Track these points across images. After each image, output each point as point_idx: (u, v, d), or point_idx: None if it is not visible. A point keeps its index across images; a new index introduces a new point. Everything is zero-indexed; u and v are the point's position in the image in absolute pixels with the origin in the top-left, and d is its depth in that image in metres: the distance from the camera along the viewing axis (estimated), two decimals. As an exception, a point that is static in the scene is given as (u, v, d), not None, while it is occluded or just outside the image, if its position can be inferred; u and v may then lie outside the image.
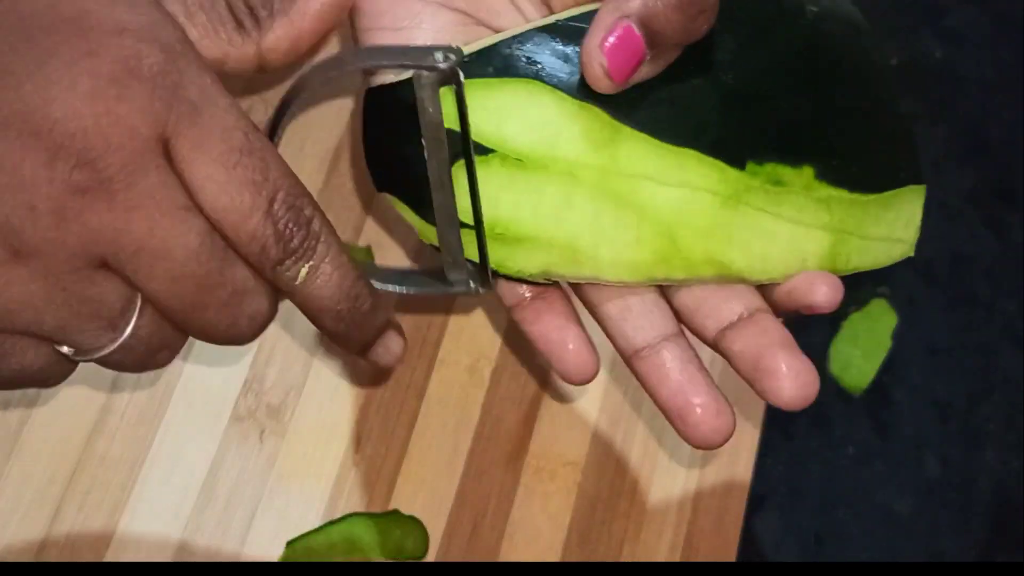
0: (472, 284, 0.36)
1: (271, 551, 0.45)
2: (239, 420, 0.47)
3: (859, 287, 0.51)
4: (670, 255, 0.33)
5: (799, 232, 0.34)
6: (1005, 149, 0.54)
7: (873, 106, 0.36)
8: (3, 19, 0.26)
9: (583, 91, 0.32)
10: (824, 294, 0.34)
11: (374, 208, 0.50)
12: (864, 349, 0.50)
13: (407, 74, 0.33)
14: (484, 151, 0.32)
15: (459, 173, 0.33)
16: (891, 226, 0.35)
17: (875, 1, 0.57)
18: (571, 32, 0.32)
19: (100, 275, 0.27)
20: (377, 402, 0.47)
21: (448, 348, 0.48)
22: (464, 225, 0.34)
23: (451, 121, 0.32)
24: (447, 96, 0.32)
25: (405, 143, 0.34)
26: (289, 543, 0.45)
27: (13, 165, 0.26)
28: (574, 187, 0.32)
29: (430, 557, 0.45)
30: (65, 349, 0.28)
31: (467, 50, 0.32)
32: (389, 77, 0.34)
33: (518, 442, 0.47)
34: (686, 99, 0.32)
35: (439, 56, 0.32)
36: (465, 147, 0.32)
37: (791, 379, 0.33)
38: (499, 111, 0.32)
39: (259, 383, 0.47)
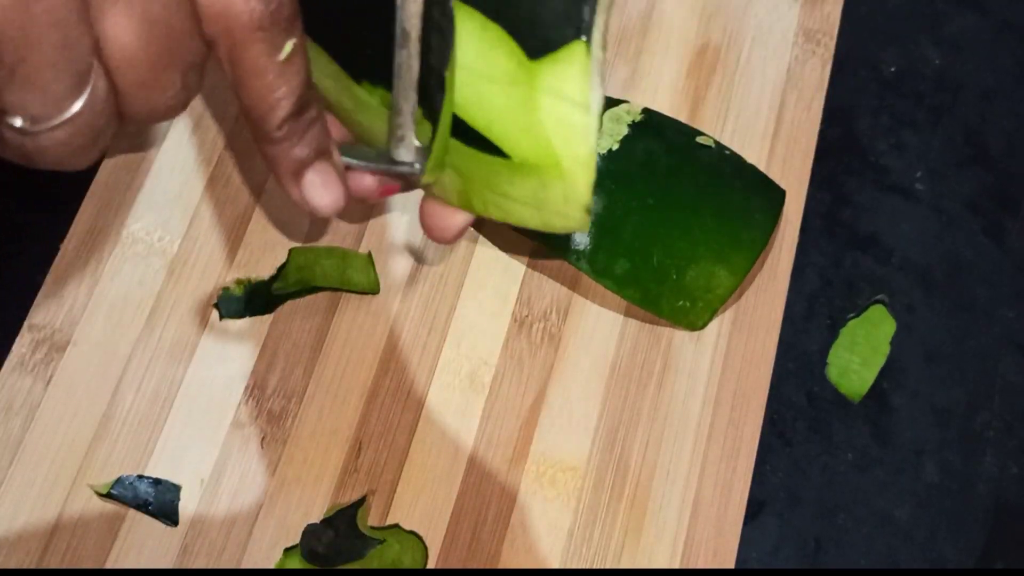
0: (418, 165, 0.32)
1: (272, 557, 0.45)
2: (240, 426, 0.47)
3: (857, 293, 0.51)
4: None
5: None
6: (1004, 156, 0.54)
7: None
8: None
9: None
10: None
11: (374, 215, 0.51)
12: (862, 355, 0.50)
13: None
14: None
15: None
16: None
17: (875, 9, 0.57)
18: None
19: (84, 12, 0.25)
20: (377, 409, 0.47)
21: (448, 355, 0.48)
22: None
23: None
24: None
25: None
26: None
27: None
28: None
29: (430, 563, 0.45)
30: (16, 121, 0.26)
31: None
32: None
33: (518, 448, 0.47)
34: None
35: None
36: None
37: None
38: None
39: (260, 390, 0.48)
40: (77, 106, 0.26)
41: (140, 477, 0.46)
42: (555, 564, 0.46)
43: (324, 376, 0.48)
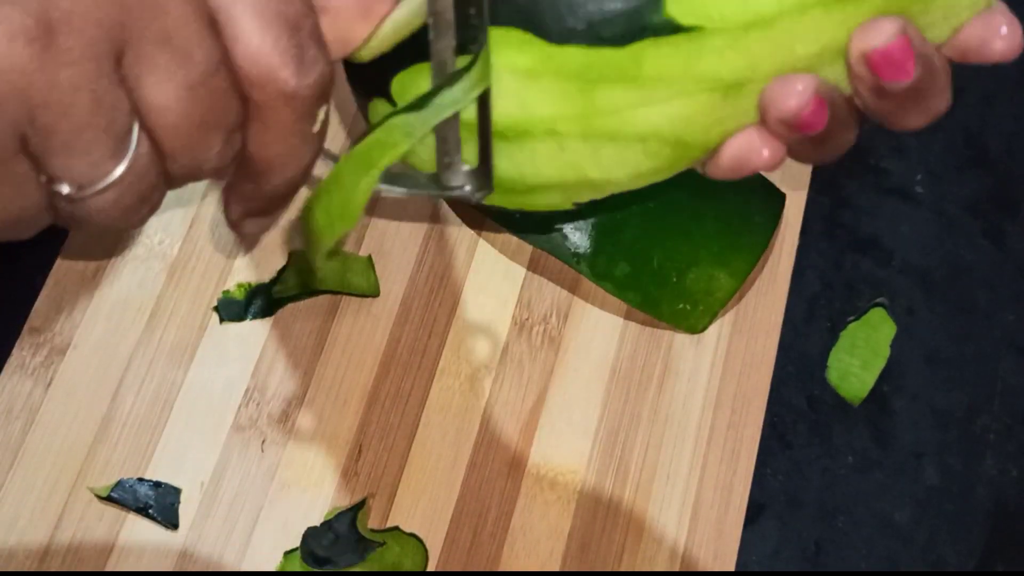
0: (469, 188, 0.33)
1: (272, 560, 0.45)
2: (240, 429, 0.47)
3: (858, 296, 0.51)
4: (685, 152, 0.32)
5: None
6: (1004, 159, 0.54)
7: None
8: None
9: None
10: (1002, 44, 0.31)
11: (374, 217, 0.51)
12: (863, 358, 0.50)
13: None
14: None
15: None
16: None
17: (874, 11, 0.57)
18: None
19: (117, 78, 0.25)
20: (378, 412, 0.47)
21: (448, 358, 0.48)
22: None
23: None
24: None
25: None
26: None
27: None
28: (562, 139, 0.31)
29: (430, 566, 0.45)
30: (64, 188, 0.26)
31: None
32: None
33: (518, 451, 0.47)
34: None
35: None
36: (479, 21, 0.29)
37: None
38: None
39: (260, 393, 0.48)
40: (121, 168, 0.26)
41: (140, 480, 0.46)
42: (555, 567, 0.46)
43: (324, 379, 0.48)
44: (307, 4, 0.28)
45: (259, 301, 0.49)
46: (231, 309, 0.48)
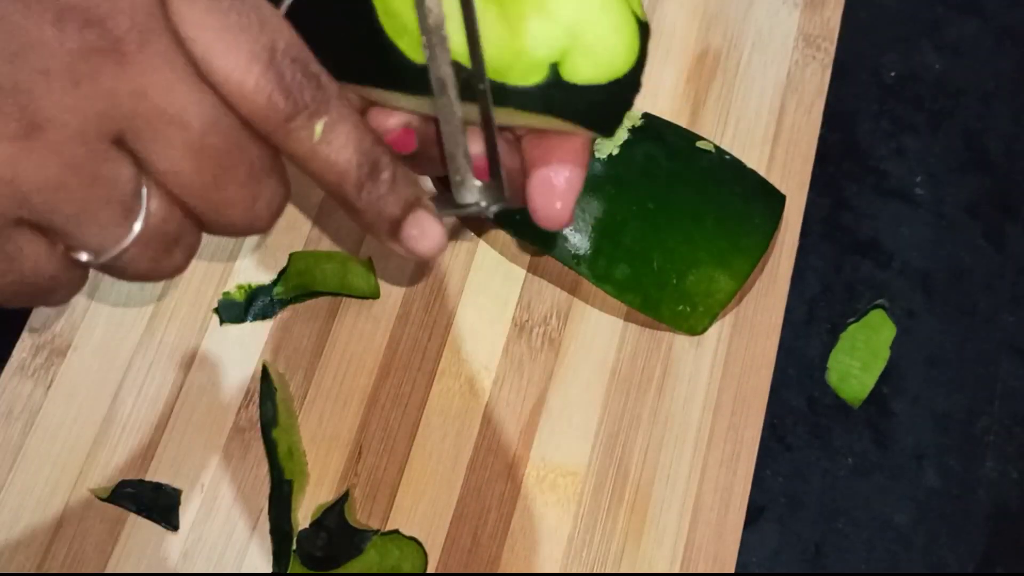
0: (484, 203, 0.33)
1: (273, 562, 0.45)
2: (241, 431, 0.47)
3: (857, 298, 0.51)
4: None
5: None
6: (1004, 161, 0.54)
7: None
8: None
9: None
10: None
11: (375, 220, 0.51)
12: (862, 360, 0.50)
13: None
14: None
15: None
16: None
17: (874, 14, 0.57)
18: None
19: (114, 152, 0.26)
20: (378, 413, 0.47)
21: (448, 359, 0.49)
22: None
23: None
24: None
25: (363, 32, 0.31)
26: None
27: (20, 26, 0.24)
28: None
29: (430, 568, 0.45)
30: (83, 256, 0.27)
31: None
32: None
33: (518, 453, 0.47)
34: None
35: None
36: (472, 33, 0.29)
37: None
38: None
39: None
40: (136, 230, 0.27)
41: (141, 481, 0.46)
42: (555, 569, 0.46)
43: (324, 381, 0.48)
44: (275, 26, 0.27)
45: (259, 303, 0.49)
46: (231, 311, 0.49)
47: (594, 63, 0.30)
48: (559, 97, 0.30)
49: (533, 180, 0.34)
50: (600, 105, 0.31)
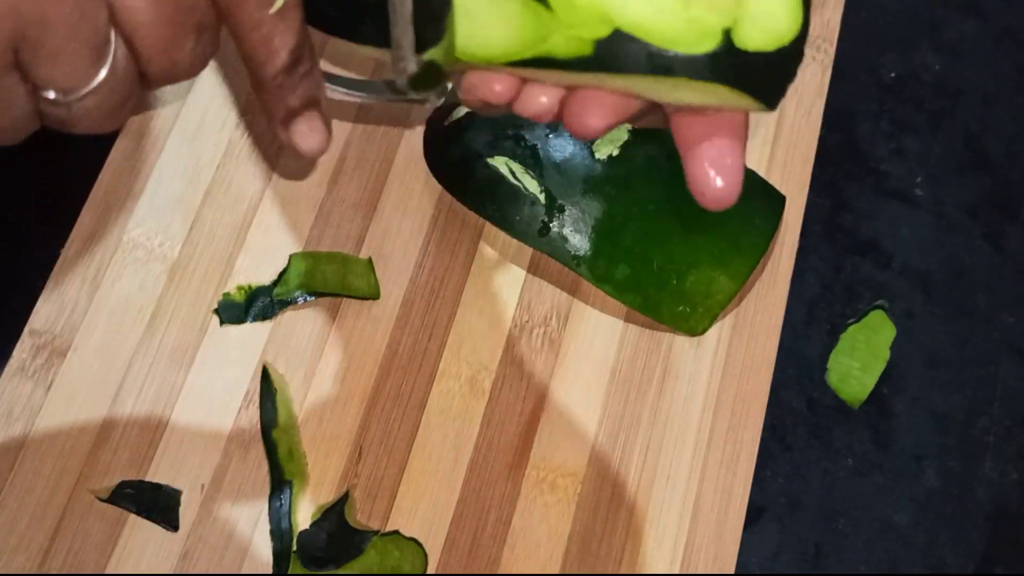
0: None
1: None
2: (241, 431, 0.47)
3: (857, 299, 0.51)
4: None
5: None
6: (1004, 161, 0.54)
7: None
8: None
9: None
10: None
11: (375, 220, 0.51)
12: (862, 361, 0.50)
13: None
14: None
15: None
16: None
17: (874, 14, 0.57)
18: None
19: None
20: (378, 414, 0.47)
21: (448, 360, 0.49)
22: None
23: None
24: None
25: None
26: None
27: None
28: None
29: (430, 569, 0.45)
30: (50, 94, 0.28)
31: None
32: None
33: (518, 453, 0.47)
34: None
35: None
36: None
37: None
38: None
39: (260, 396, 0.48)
40: (102, 74, 0.28)
41: (141, 482, 0.46)
42: (555, 570, 0.46)
43: (324, 382, 0.48)
44: None
45: (259, 303, 0.49)
46: (231, 311, 0.49)
47: (763, 30, 0.30)
48: (730, 65, 0.30)
49: (696, 159, 0.33)
50: (769, 74, 0.31)
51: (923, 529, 0.48)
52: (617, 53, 0.30)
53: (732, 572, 0.46)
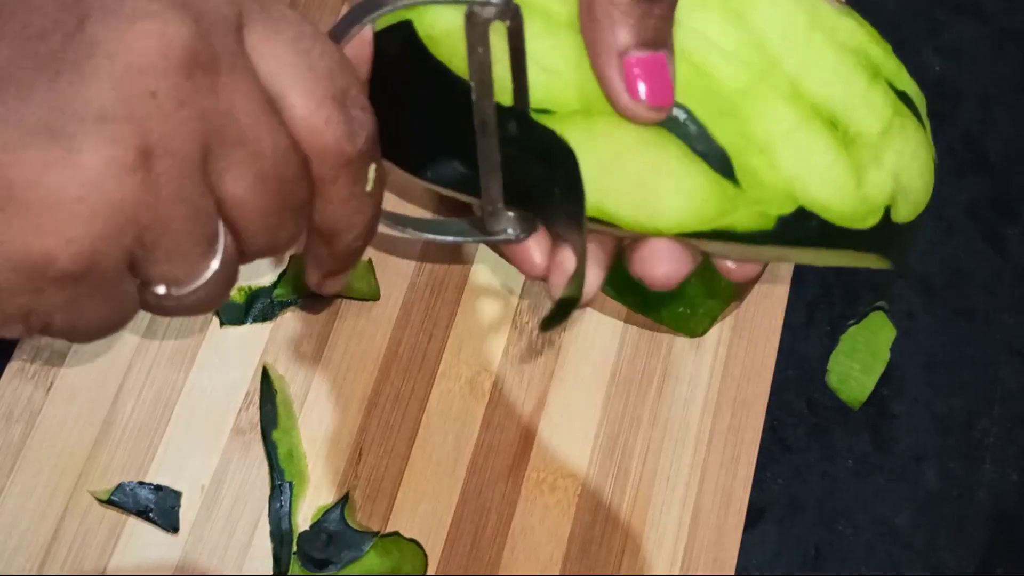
0: (512, 231, 0.35)
1: (272, 564, 0.45)
2: (241, 433, 0.47)
3: (857, 300, 0.51)
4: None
5: None
6: (1004, 163, 0.54)
7: None
8: None
9: None
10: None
11: (375, 222, 0.51)
12: (863, 362, 0.50)
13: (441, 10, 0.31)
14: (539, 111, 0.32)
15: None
16: None
17: (874, 16, 0.57)
18: None
19: (206, 183, 0.26)
20: (378, 415, 0.47)
21: (448, 361, 0.49)
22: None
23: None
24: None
25: (412, 97, 0.33)
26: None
27: (127, 47, 0.24)
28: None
29: (430, 570, 0.45)
30: (160, 289, 0.27)
31: None
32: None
33: (518, 454, 0.47)
34: None
35: None
36: (520, 84, 0.31)
37: None
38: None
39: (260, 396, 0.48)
40: (213, 266, 0.27)
41: (141, 484, 0.46)
42: (555, 571, 0.46)
43: (324, 383, 0.48)
44: (348, 72, 0.28)
45: (259, 304, 0.49)
46: (231, 313, 0.49)
47: (911, 202, 0.33)
48: (886, 238, 0.33)
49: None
50: (910, 240, 0.34)
51: (923, 530, 0.48)
52: (796, 228, 0.32)
53: (732, 574, 0.46)
